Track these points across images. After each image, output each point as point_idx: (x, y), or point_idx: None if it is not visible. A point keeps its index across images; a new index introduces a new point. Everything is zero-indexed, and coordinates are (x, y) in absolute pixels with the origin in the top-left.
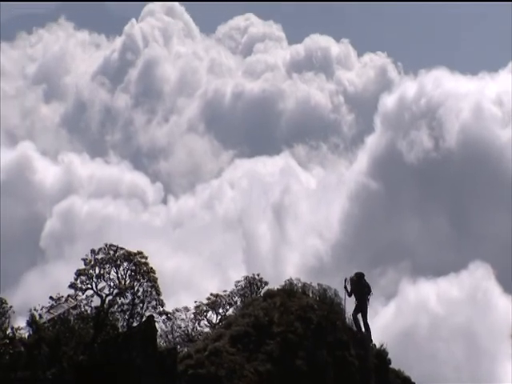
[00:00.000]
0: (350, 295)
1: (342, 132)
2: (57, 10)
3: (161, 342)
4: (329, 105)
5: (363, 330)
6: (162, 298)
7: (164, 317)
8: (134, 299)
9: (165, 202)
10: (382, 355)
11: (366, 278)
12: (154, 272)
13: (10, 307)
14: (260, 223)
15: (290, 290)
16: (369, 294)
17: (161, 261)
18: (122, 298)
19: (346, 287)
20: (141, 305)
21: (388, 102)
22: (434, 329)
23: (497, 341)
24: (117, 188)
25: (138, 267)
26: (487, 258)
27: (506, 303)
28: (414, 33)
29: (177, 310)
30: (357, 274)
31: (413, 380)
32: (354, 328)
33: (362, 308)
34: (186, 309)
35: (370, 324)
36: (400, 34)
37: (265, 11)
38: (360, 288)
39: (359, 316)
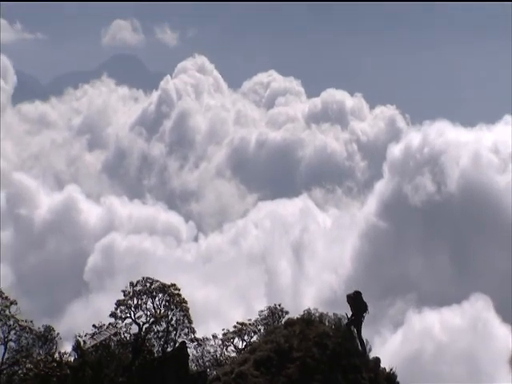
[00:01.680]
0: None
1: (355, 177)
2: (100, 68)
3: (192, 365)
4: (344, 153)
5: (358, 341)
6: (193, 325)
7: (195, 343)
8: (168, 327)
9: (196, 239)
10: (391, 378)
11: (371, 305)
12: (186, 302)
13: (57, 334)
14: (281, 260)
15: (308, 319)
16: (365, 312)
17: (192, 292)
18: (157, 326)
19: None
20: (174, 332)
21: (395, 150)
22: (438, 354)
23: (496, 366)
24: (153, 226)
25: (172, 298)
26: (487, 290)
27: (504, 332)
28: (420, 87)
29: (207, 338)
30: (355, 293)
31: None
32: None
33: (357, 323)
34: (215, 336)
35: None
36: (408, 89)
37: (286, 68)
38: (357, 304)
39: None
